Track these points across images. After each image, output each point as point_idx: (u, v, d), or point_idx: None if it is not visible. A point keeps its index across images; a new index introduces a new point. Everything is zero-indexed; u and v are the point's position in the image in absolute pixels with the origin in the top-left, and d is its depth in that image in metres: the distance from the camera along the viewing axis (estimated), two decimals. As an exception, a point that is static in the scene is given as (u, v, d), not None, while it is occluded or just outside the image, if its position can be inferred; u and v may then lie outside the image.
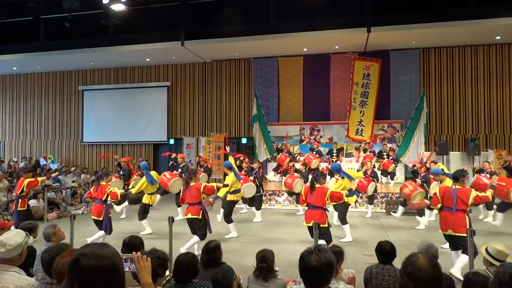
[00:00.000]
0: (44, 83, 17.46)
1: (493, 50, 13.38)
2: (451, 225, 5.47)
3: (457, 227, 5.39)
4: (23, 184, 7.56)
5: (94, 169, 16.05)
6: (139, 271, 1.85)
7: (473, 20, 11.30)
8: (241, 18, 12.27)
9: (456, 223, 5.41)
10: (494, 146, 12.97)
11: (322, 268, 1.93)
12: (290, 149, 13.79)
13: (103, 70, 16.73)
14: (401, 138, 13.08)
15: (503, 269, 1.98)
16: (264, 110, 14.36)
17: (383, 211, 10.65)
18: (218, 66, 15.54)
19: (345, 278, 3.77)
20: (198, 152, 14.83)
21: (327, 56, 14.36)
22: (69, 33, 13.40)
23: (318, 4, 11.66)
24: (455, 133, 13.56)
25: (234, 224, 8.09)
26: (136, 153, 16.13)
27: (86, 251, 1.46)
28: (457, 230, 5.40)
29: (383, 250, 3.73)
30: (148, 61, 15.63)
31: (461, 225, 5.35)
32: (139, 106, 16.16)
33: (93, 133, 16.74)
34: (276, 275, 3.65)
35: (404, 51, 13.76)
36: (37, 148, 17.49)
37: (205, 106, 15.66)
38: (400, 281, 1.89)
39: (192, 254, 3.32)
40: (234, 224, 8.09)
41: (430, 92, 13.55)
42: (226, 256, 4.00)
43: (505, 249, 3.67)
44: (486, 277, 2.91)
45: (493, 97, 13.35)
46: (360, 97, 13.24)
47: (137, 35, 13.45)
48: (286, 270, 4.78)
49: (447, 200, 5.59)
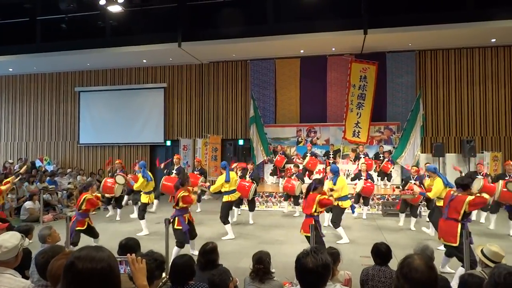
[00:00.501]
0: (40, 84, 17.39)
1: (489, 53, 13.46)
2: (443, 234, 5.40)
3: (447, 236, 5.27)
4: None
5: (90, 170, 16.00)
6: (134, 273, 1.84)
7: (469, 23, 11.35)
8: (238, 20, 12.27)
9: (447, 232, 5.29)
10: (490, 148, 13.03)
11: (318, 270, 1.94)
12: (287, 151, 13.81)
13: (100, 71, 16.68)
14: (397, 140, 13.12)
15: (498, 270, 1.99)
16: (261, 112, 14.36)
17: (379, 213, 10.68)
18: (215, 68, 15.54)
19: (342, 280, 3.78)
20: (195, 153, 14.82)
21: (324, 58, 14.39)
22: (65, 34, 13.33)
23: (315, 6, 11.68)
24: (451, 135, 13.62)
25: (230, 226, 8.10)
26: (133, 154, 16.10)
27: (81, 254, 1.45)
28: (447, 239, 5.29)
29: (379, 252, 3.74)
30: (145, 62, 15.61)
31: (451, 234, 5.19)
32: (135, 107, 16.12)
33: (90, 135, 16.68)
34: (273, 277, 3.65)
35: (401, 53, 13.81)
36: (33, 150, 17.41)
37: (201, 108, 15.65)
38: (396, 282, 1.90)
39: (189, 256, 3.31)
40: (230, 226, 8.10)
41: (426, 94, 13.60)
42: (222, 258, 3.99)
43: (500, 250, 3.69)
44: (481, 279, 2.92)
45: (488, 99, 13.42)
46: (357, 99, 13.27)
47: (134, 37, 13.43)
48: (282, 271, 4.77)
49: (444, 205, 5.61)
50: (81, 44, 13.86)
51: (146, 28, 13.21)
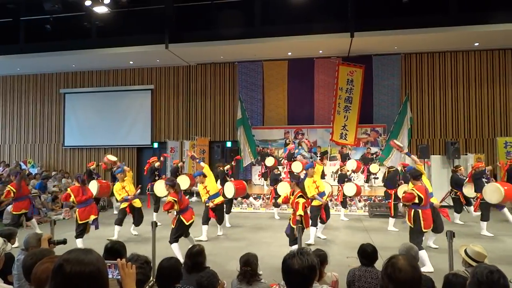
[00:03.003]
0: (24, 86, 17.08)
1: (472, 56, 13.73)
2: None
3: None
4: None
5: (75, 173, 15.73)
6: (123, 279, 1.80)
7: (453, 27, 11.59)
8: (226, 22, 12.27)
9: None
10: (473, 150, 13.29)
11: (304, 272, 1.95)
12: (275, 153, 13.84)
13: (86, 72, 16.47)
14: (384, 142, 13.27)
15: (479, 269, 2.04)
16: (249, 114, 14.37)
17: (366, 214, 10.78)
18: (203, 70, 15.49)
19: (329, 282, 3.79)
20: (182, 156, 14.73)
21: (311, 61, 14.50)
22: (50, 35, 13.14)
23: (302, 9, 11.77)
24: (436, 137, 13.84)
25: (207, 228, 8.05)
26: (120, 157, 15.88)
27: (70, 257, 1.42)
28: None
29: (365, 253, 3.77)
30: (131, 64, 15.48)
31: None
32: (122, 109, 15.96)
33: (75, 137, 16.44)
34: (260, 279, 3.65)
35: (387, 56, 14.00)
36: (16, 152, 17.08)
37: (189, 110, 15.58)
38: (381, 282, 1.92)
39: (175, 258, 3.29)
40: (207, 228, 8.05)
41: (412, 97, 13.79)
42: (209, 260, 3.98)
43: (483, 250, 3.76)
44: (465, 278, 2.98)
45: (472, 102, 13.69)
46: (344, 102, 13.38)
47: (121, 38, 13.30)
48: (270, 273, 4.77)
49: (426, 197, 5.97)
50: (66, 45, 13.66)
51: (132, 30, 13.10)
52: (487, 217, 8.31)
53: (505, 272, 2.04)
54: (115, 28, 12.95)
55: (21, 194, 7.98)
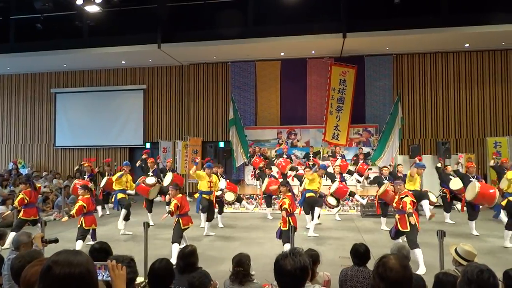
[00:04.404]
0: (15, 85, 16.88)
1: (462, 57, 13.87)
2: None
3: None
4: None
5: (67, 174, 15.59)
6: (113, 280, 1.77)
7: (444, 28, 11.71)
8: (219, 22, 12.24)
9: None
10: (464, 150, 13.42)
11: (296, 273, 1.95)
12: (267, 153, 13.79)
13: (77, 72, 16.32)
14: (376, 142, 13.34)
15: (469, 268, 2.06)
16: (242, 114, 14.35)
17: (358, 214, 10.84)
18: (196, 70, 15.45)
19: (321, 281, 3.80)
20: (175, 156, 14.66)
21: (304, 61, 14.53)
22: (41, 34, 12.99)
23: (295, 9, 11.79)
24: (427, 137, 13.96)
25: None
26: (112, 157, 15.74)
27: (59, 259, 1.39)
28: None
29: (357, 253, 3.79)
30: (123, 63, 15.37)
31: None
32: (114, 109, 15.85)
33: (66, 137, 16.28)
34: (252, 279, 3.65)
35: (378, 56, 14.08)
36: (6, 153, 16.87)
37: (182, 110, 15.52)
38: (372, 282, 1.93)
39: (167, 260, 3.28)
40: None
41: (403, 97, 13.89)
42: (202, 260, 3.97)
43: (473, 249, 3.80)
44: (455, 277, 3.00)
45: (462, 102, 13.84)
46: (337, 103, 13.42)
47: (113, 37, 13.21)
48: (262, 274, 4.77)
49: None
50: (57, 45, 13.52)
51: (125, 29, 13.02)
52: (473, 216, 8.39)
53: (495, 271, 2.07)
54: (107, 28, 12.85)
55: (32, 201, 8.02)
